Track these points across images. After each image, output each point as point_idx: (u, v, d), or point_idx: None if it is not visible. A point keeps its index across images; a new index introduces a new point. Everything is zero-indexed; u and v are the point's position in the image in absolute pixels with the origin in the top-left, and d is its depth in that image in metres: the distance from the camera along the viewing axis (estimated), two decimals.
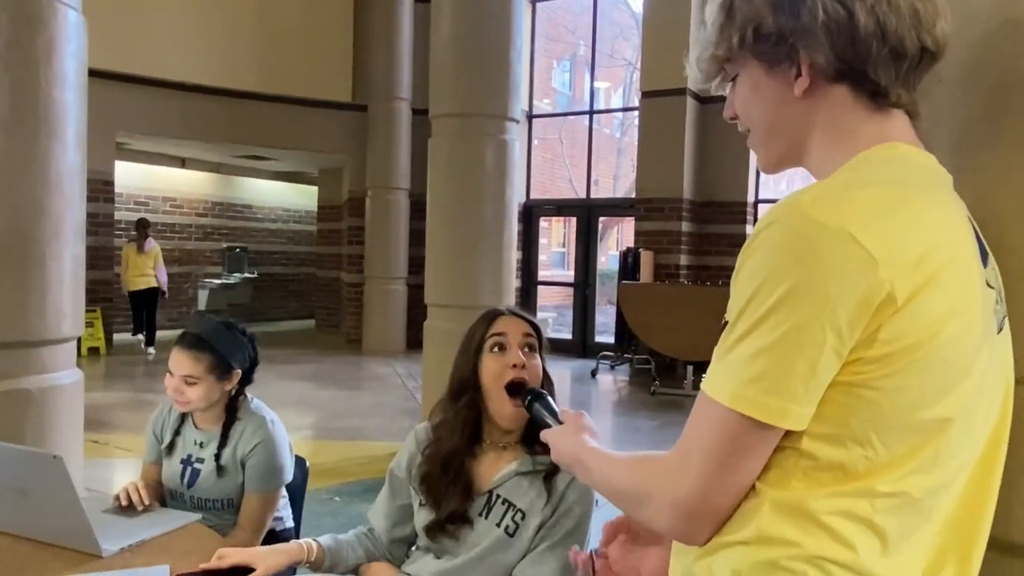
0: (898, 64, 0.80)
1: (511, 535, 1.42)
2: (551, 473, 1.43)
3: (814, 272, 0.69)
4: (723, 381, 0.74)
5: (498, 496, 1.45)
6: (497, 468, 1.48)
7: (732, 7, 0.84)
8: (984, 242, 0.82)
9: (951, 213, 0.78)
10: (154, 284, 8.85)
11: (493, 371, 1.46)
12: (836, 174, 0.78)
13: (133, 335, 9.30)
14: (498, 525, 1.43)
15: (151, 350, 8.86)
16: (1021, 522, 0.85)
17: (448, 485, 1.46)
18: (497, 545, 1.42)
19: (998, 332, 0.80)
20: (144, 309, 8.98)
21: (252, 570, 1.39)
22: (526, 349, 1.49)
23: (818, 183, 0.77)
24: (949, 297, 0.72)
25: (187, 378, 1.84)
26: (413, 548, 1.57)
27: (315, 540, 1.52)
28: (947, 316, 0.72)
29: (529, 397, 1.35)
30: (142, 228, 8.88)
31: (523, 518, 1.42)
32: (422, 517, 1.50)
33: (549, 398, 1.32)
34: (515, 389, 1.42)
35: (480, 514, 1.45)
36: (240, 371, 1.92)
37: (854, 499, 0.73)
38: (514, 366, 1.45)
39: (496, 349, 1.48)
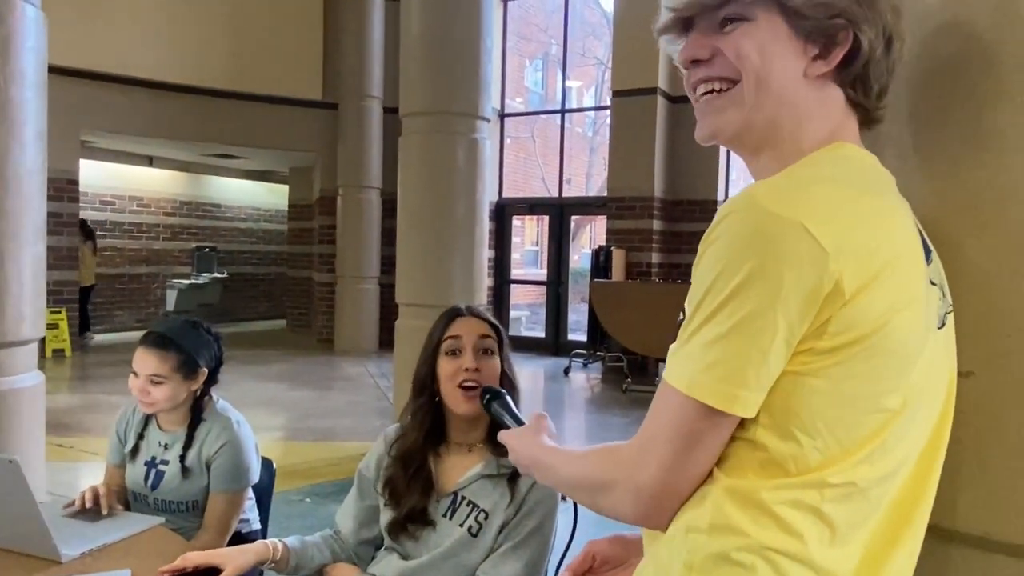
0: (879, 98, 0.84)
1: (474, 535, 1.42)
2: (515, 475, 1.43)
3: (768, 262, 0.71)
4: (681, 369, 0.75)
5: (463, 498, 1.45)
6: (462, 469, 1.48)
7: None
8: (927, 240, 0.84)
9: (897, 212, 0.80)
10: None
11: (447, 373, 1.47)
12: (788, 170, 0.79)
13: (81, 333, 9.27)
14: (461, 525, 1.43)
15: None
16: (964, 511, 0.87)
17: (408, 482, 1.46)
18: (460, 545, 1.42)
19: (940, 327, 0.82)
20: (87, 302, 9.72)
21: (219, 571, 1.38)
22: (481, 352, 1.48)
23: (772, 178, 0.78)
24: (895, 292, 0.74)
25: (153, 377, 1.82)
26: (380, 549, 1.56)
27: (281, 540, 1.51)
28: (892, 310, 0.74)
29: (487, 396, 1.33)
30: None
31: (486, 518, 1.43)
32: (385, 517, 1.50)
33: (508, 398, 1.31)
34: (484, 391, 1.42)
35: (444, 515, 1.45)
36: (206, 370, 1.90)
37: (804, 490, 0.74)
38: (467, 369, 1.45)
39: (451, 352, 1.48)
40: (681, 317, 0.82)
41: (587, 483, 0.87)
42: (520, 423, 1.21)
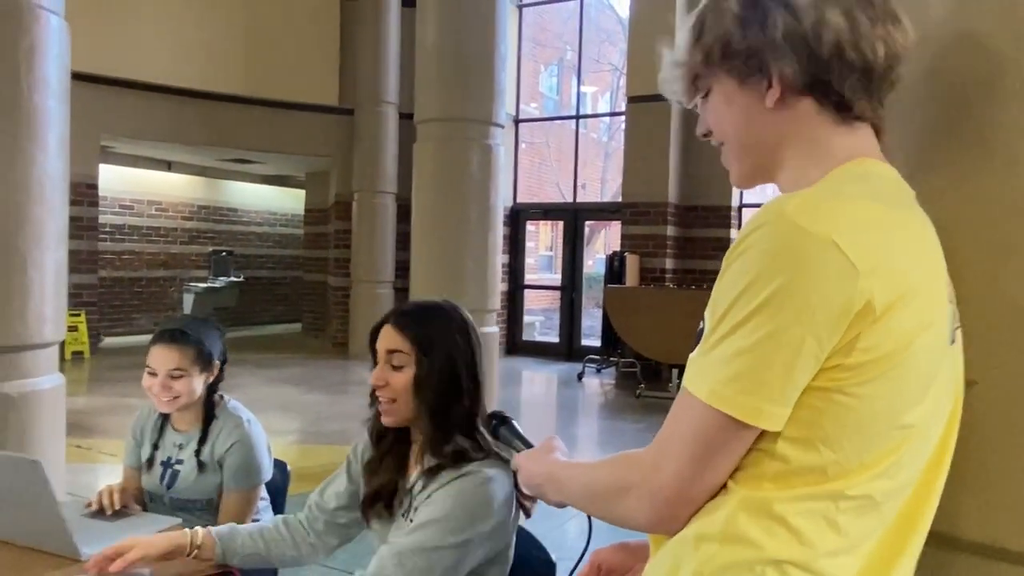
0: (862, 77, 0.82)
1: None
2: (438, 468, 1.38)
3: (797, 278, 0.71)
4: (703, 378, 0.76)
5: (412, 498, 1.41)
6: (415, 470, 1.45)
7: (703, 26, 0.88)
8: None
9: (922, 228, 0.81)
10: None
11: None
12: (816, 186, 0.80)
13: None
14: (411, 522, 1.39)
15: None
16: (968, 519, 0.88)
17: (381, 459, 1.46)
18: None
19: (951, 343, 0.83)
20: None
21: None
22: (389, 366, 1.41)
23: (802, 192, 0.79)
24: (922, 310, 0.75)
25: (173, 372, 1.85)
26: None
27: (205, 528, 1.48)
28: (919, 328, 0.75)
29: (494, 423, 1.33)
30: None
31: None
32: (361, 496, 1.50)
33: (515, 423, 1.30)
34: (490, 416, 1.37)
35: (404, 515, 1.41)
36: (219, 363, 1.94)
37: (820, 501, 0.75)
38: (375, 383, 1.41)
39: (375, 363, 1.44)
40: (702, 326, 0.83)
41: (602, 489, 0.87)
42: (530, 446, 1.21)
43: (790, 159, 0.86)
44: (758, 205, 9.93)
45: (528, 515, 1.44)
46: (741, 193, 8.94)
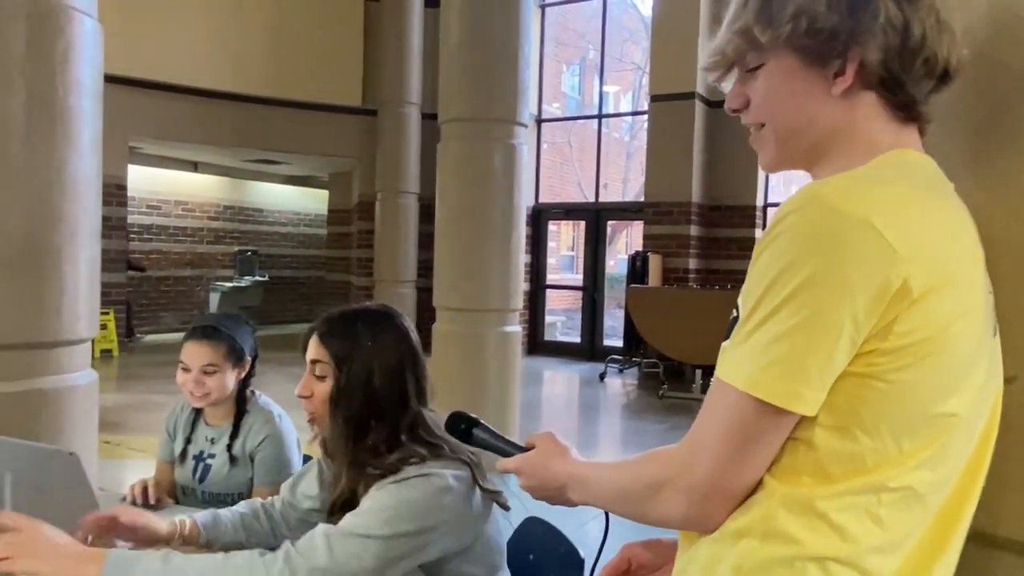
0: (928, 80, 0.82)
1: None
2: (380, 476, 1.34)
3: (835, 260, 0.70)
4: (739, 366, 0.75)
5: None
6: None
7: None
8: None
9: (961, 218, 0.80)
10: None
11: None
12: (850, 172, 0.79)
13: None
14: None
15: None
16: (1008, 518, 0.87)
17: (334, 476, 1.45)
18: None
19: (993, 335, 0.82)
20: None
21: None
22: (314, 377, 1.39)
23: (835, 177, 0.77)
24: (959, 297, 0.74)
25: (207, 367, 1.89)
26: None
27: (191, 517, 1.50)
28: (956, 315, 0.74)
29: (462, 426, 1.16)
30: None
31: None
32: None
33: (485, 422, 1.15)
34: (454, 420, 1.19)
35: None
36: (251, 359, 1.96)
37: (862, 495, 0.74)
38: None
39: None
40: (735, 314, 0.83)
41: (633, 489, 0.85)
42: (517, 447, 1.08)
43: (837, 150, 0.83)
44: None
45: (506, 508, 1.40)
46: (766, 192, 8.86)
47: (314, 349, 1.39)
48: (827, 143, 0.84)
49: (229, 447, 1.93)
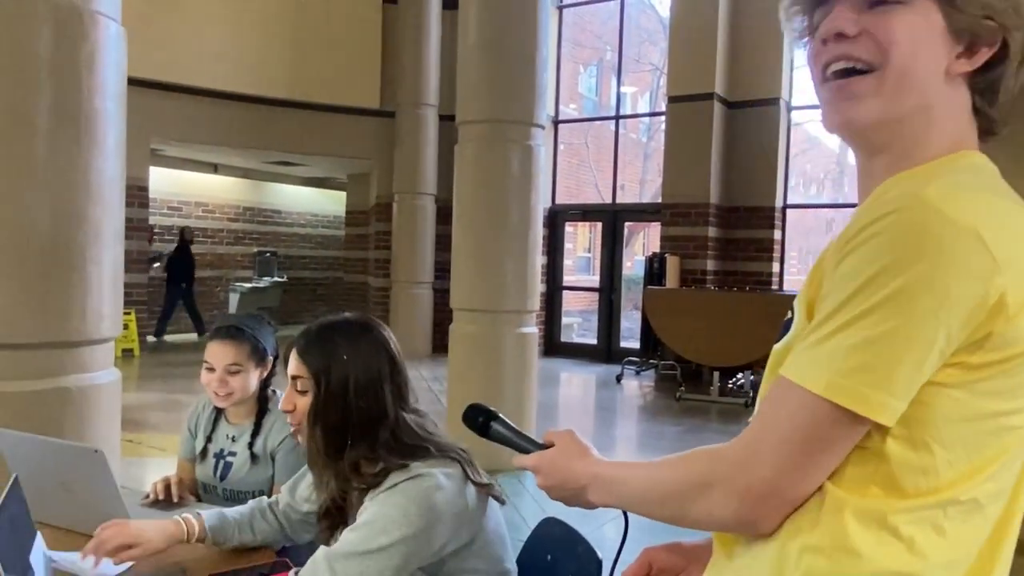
0: (1007, 104, 0.80)
1: None
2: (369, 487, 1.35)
3: (938, 268, 0.67)
4: (817, 369, 0.71)
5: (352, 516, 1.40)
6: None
7: None
8: None
9: None
10: None
11: None
12: (942, 174, 0.75)
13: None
14: None
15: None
16: None
17: (319, 484, 1.47)
18: None
19: None
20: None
21: (277, 569, 1.43)
22: (296, 391, 1.40)
23: (939, 180, 0.73)
24: None
25: (231, 367, 1.91)
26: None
27: (197, 515, 1.51)
28: None
29: (480, 419, 1.09)
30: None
31: None
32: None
33: (503, 416, 1.10)
34: (472, 412, 1.14)
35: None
36: (272, 359, 1.99)
37: (935, 509, 0.72)
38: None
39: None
40: (789, 316, 0.81)
41: (676, 488, 0.81)
42: (535, 443, 1.03)
43: (917, 131, 0.79)
44: (802, 206, 9.77)
45: (501, 502, 1.40)
46: (785, 194, 8.80)
47: (294, 364, 1.39)
48: (913, 123, 0.79)
49: (250, 445, 1.95)
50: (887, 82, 0.78)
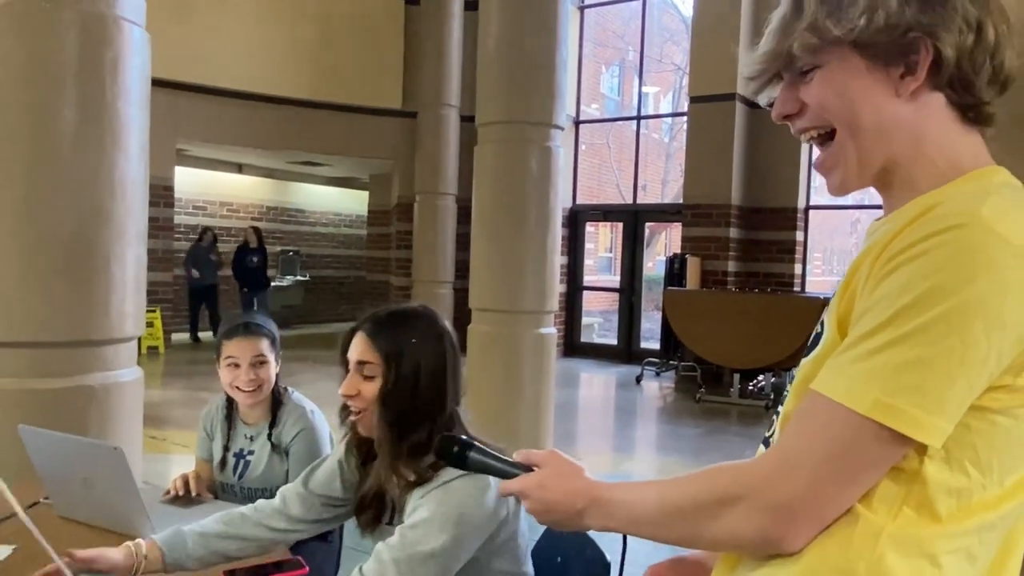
0: (992, 87, 0.78)
1: None
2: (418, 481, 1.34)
3: (995, 290, 0.66)
4: (861, 387, 0.69)
5: (399, 508, 1.40)
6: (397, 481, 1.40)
7: None
8: None
9: None
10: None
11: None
12: (989, 191, 0.73)
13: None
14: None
15: None
16: None
17: (361, 474, 1.46)
18: None
19: None
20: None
21: (290, 567, 1.45)
22: (361, 376, 1.38)
23: (992, 199, 0.71)
24: None
25: (258, 359, 1.98)
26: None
27: (151, 538, 1.39)
28: None
29: (455, 448, 1.02)
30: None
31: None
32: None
33: (480, 444, 1.04)
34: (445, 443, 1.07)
35: (391, 524, 1.41)
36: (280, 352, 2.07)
37: (971, 536, 0.71)
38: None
39: (346, 372, 1.42)
40: (818, 330, 0.79)
41: (694, 505, 0.78)
42: (518, 466, 0.97)
43: (908, 157, 0.79)
44: (826, 207, 9.66)
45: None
46: (808, 195, 8.72)
47: (362, 349, 1.39)
48: (898, 152, 0.79)
49: (269, 435, 1.99)
50: (843, 146, 0.80)
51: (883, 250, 0.73)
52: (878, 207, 0.86)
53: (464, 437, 1.05)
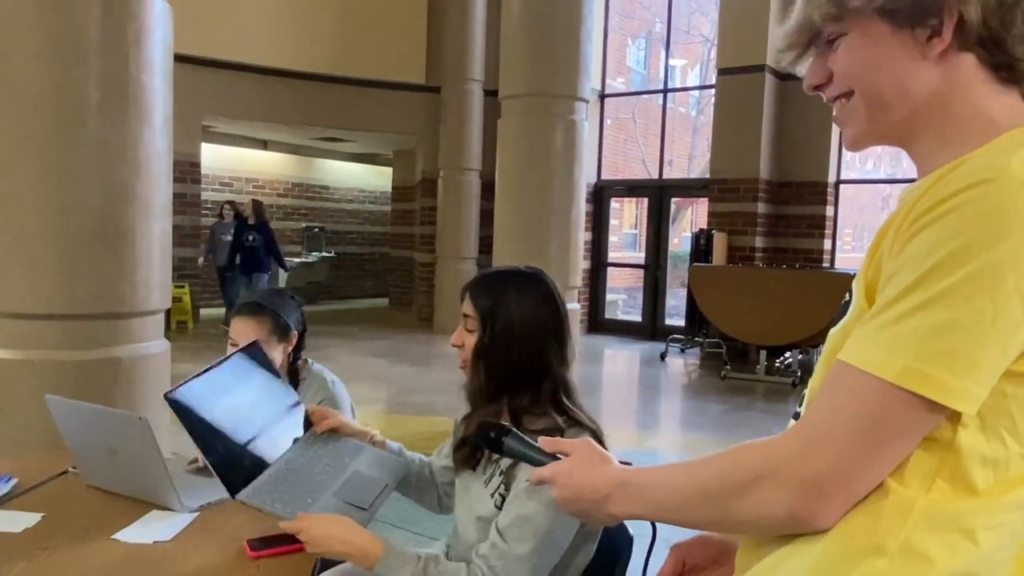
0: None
1: (497, 507, 1.36)
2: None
3: None
4: (888, 354, 0.66)
5: (500, 468, 1.39)
6: None
7: None
8: None
9: None
10: None
11: None
12: (1009, 147, 0.71)
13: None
14: (492, 495, 1.38)
15: None
16: None
17: (468, 417, 1.52)
18: (484, 507, 1.40)
19: None
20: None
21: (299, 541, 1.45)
22: (464, 329, 1.46)
23: (1022, 151, 0.69)
24: None
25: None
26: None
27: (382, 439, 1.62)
28: None
29: (492, 434, 1.07)
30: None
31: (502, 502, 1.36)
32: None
33: (516, 430, 1.08)
34: (483, 428, 1.14)
35: (486, 481, 1.40)
36: (297, 333, 2.02)
37: (1012, 512, 0.69)
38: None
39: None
40: (847, 299, 0.77)
41: (720, 485, 0.76)
42: (547, 455, 0.99)
43: (939, 121, 0.77)
44: (858, 181, 9.48)
45: None
46: (839, 168, 8.54)
47: (466, 303, 1.45)
48: (925, 113, 0.77)
49: None
50: (865, 104, 0.80)
51: (910, 210, 0.70)
52: (911, 181, 0.83)
53: (503, 424, 1.10)
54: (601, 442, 1.31)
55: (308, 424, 1.58)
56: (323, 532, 1.29)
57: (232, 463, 1.46)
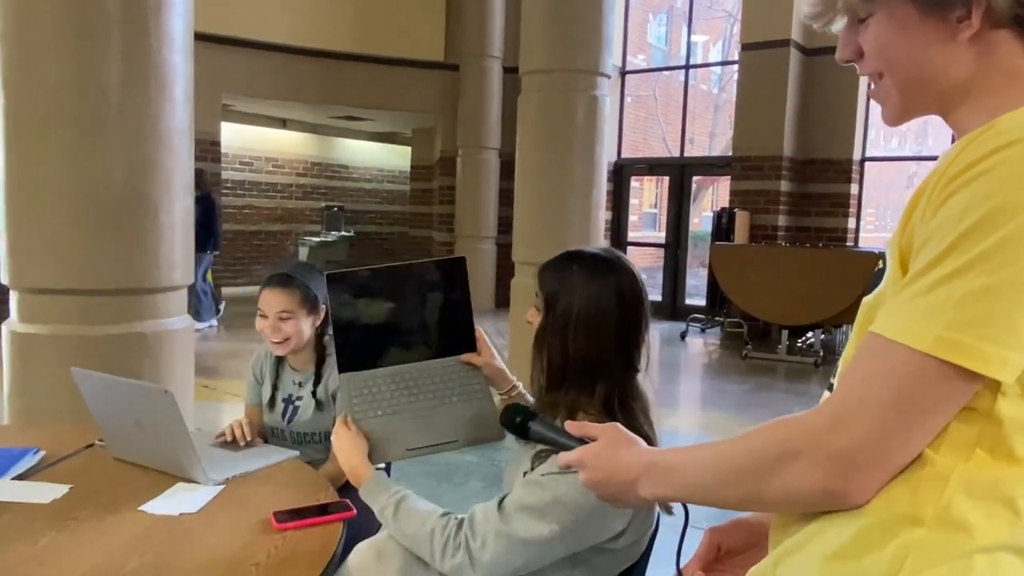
0: None
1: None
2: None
3: None
4: (922, 324, 0.64)
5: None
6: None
7: None
8: None
9: None
10: None
11: None
12: None
13: None
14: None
15: None
16: None
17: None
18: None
19: None
20: None
21: (336, 509, 1.44)
22: (535, 308, 1.37)
23: None
24: None
25: (282, 314, 1.95)
26: None
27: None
28: None
29: (518, 419, 1.07)
30: None
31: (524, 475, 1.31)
32: None
33: (542, 415, 1.08)
34: (509, 412, 1.14)
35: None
36: (325, 307, 2.01)
37: None
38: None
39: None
40: (880, 267, 0.75)
41: (751, 462, 0.75)
42: (575, 439, 0.99)
43: (979, 95, 0.75)
44: (883, 159, 9.30)
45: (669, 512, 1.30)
46: (864, 145, 8.39)
47: (536, 281, 1.38)
48: (963, 89, 0.75)
49: (313, 393, 1.99)
50: (899, 86, 0.79)
51: (943, 174, 0.68)
52: (936, 159, 0.81)
53: (529, 408, 1.08)
54: None
55: (457, 349, 1.51)
56: (339, 442, 1.37)
57: (358, 342, 1.46)
